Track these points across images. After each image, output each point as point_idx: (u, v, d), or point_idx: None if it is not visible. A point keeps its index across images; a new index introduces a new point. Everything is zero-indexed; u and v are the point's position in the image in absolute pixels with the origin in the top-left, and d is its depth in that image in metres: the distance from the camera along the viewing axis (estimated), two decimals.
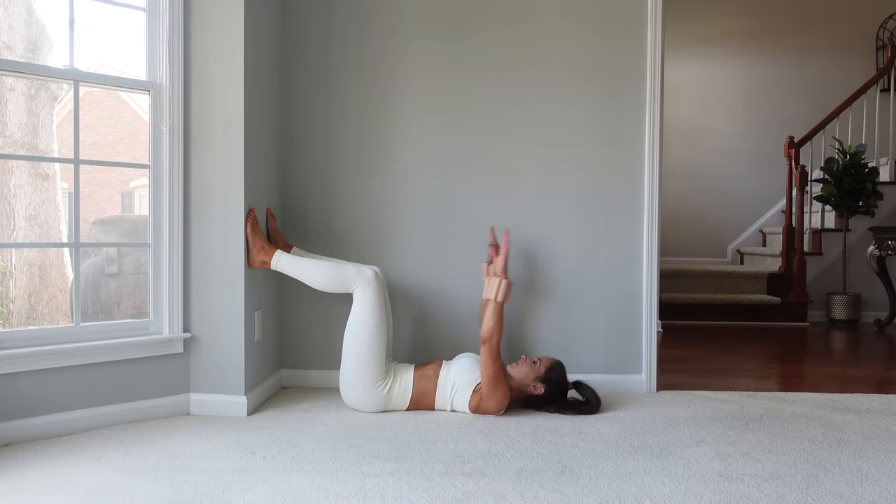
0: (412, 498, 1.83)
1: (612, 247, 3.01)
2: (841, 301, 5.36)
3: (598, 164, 3.01)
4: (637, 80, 2.99)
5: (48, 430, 2.32)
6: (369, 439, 2.31)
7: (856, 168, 5.18)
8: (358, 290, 2.63)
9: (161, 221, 2.58)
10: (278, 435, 2.36)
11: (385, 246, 3.05)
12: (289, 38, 3.04)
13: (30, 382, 2.30)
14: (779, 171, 6.41)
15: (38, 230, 3.09)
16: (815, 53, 6.48)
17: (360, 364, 2.59)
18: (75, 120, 2.45)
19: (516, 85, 3.02)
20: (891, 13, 6.45)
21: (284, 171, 3.06)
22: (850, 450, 2.25)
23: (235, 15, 2.56)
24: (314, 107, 3.05)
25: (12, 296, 2.96)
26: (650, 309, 3.00)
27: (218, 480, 1.94)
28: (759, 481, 1.97)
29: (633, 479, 1.98)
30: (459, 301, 3.03)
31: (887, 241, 4.99)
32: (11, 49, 2.86)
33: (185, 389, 2.62)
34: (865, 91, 5.65)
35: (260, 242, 2.63)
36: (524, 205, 3.03)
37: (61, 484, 1.92)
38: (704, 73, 6.62)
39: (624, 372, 3.02)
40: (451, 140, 3.04)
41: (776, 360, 3.90)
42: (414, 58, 3.03)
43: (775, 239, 6.11)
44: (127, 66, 2.69)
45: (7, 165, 2.98)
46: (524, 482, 1.95)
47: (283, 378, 3.05)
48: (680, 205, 6.60)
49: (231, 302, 2.60)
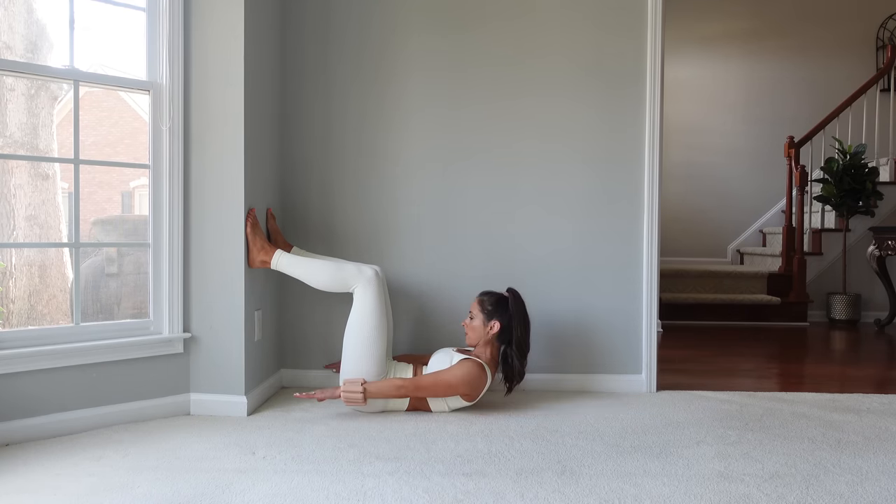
0: (412, 498, 1.83)
1: (612, 246, 3.01)
2: (841, 301, 5.36)
3: (599, 164, 3.01)
4: (637, 78, 2.98)
5: (48, 430, 2.32)
6: (369, 439, 2.31)
7: (856, 168, 5.18)
8: (358, 289, 2.63)
9: (161, 221, 2.58)
10: (278, 435, 2.36)
11: (385, 245, 3.05)
12: (288, 38, 3.04)
13: (30, 382, 2.30)
14: (779, 171, 6.41)
15: (38, 230, 3.09)
16: (815, 53, 6.48)
17: (360, 363, 2.59)
18: (75, 120, 2.45)
19: (516, 83, 3.02)
20: (891, 13, 6.45)
21: (284, 170, 3.06)
22: (850, 450, 2.25)
23: (235, 15, 2.56)
24: (313, 106, 3.05)
25: (12, 296, 2.96)
26: (650, 309, 3.00)
27: (218, 480, 1.94)
28: (759, 481, 1.97)
29: (633, 479, 1.97)
30: (460, 299, 3.03)
31: (887, 241, 4.98)
32: (11, 49, 2.86)
33: (185, 389, 2.62)
34: (865, 91, 5.65)
35: (260, 242, 2.63)
36: (524, 204, 3.03)
37: (61, 484, 1.91)
38: (705, 72, 6.62)
39: (624, 372, 3.02)
40: (450, 138, 3.04)
41: (776, 360, 3.89)
42: (413, 53, 3.03)
43: (775, 239, 6.11)
44: (127, 66, 2.69)
45: (7, 165, 2.98)
46: (524, 482, 1.95)
47: (283, 378, 3.05)
48: (680, 205, 6.59)
49: (231, 302, 2.60)
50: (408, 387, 2.55)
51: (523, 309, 2.67)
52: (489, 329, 2.64)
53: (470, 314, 2.69)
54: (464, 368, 2.55)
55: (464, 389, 2.55)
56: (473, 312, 2.68)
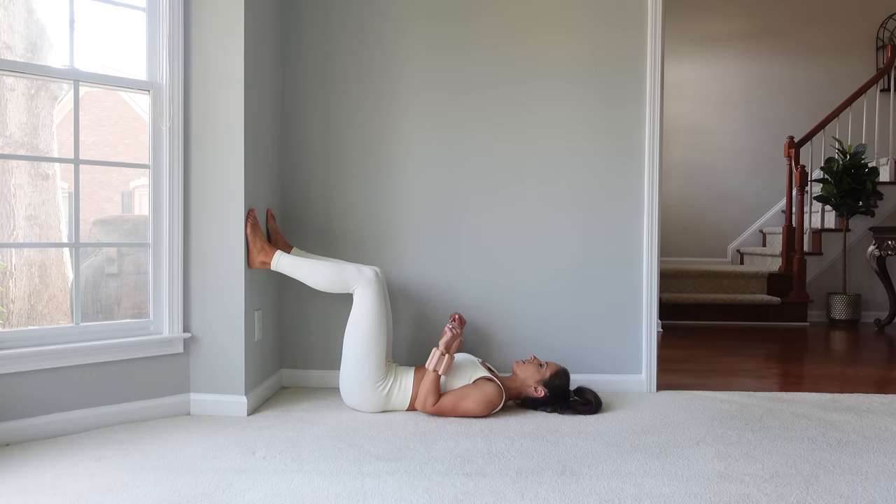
0: (412, 498, 1.83)
1: (612, 246, 3.01)
2: (841, 301, 5.36)
3: (599, 164, 3.01)
4: (637, 78, 2.99)
5: (48, 430, 2.32)
6: (369, 439, 2.31)
7: (856, 168, 5.18)
8: (358, 290, 2.63)
9: (161, 221, 2.58)
10: (278, 435, 2.36)
11: (385, 245, 3.05)
12: (288, 36, 3.04)
13: (30, 382, 2.30)
14: (779, 171, 6.42)
15: (38, 230, 3.08)
16: (815, 53, 6.48)
17: (360, 364, 2.59)
18: (75, 120, 2.45)
19: (516, 82, 3.02)
20: (891, 13, 6.45)
21: (284, 171, 3.06)
22: (850, 450, 2.25)
23: (235, 15, 2.56)
24: (312, 105, 3.05)
25: (12, 296, 2.96)
26: (650, 309, 3.00)
27: (218, 480, 1.94)
28: (759, 481, 1.97)
29: (633, 479, 1.97)
30: (460, 300, 3.03)
31: (887, 241, 4.99)
32: (11, 49, 2.86)
33: (185, 389, 2.62)
34: (865, 91, 5.65)
35: (260, 243, 2.63)
36: (524, 204, 3.03)
37: (61, 484, 1.91)
38: (705, 72, 6.62)
39: (624, 372, 3.02)
40: (451, 139, 3.04)
41: (776, 360, 3.89)
42: (413, 53, 3.03)
43: (775, 239, 6.11)
44: (127, 66, 2.68)
45: (7, 165, 2.98)
46: (524, 482, 1.95)
47: (283, 378, 3.05)
48: (680, 205, 6.60)
49: (231, 302, 2.60)
50: (428, 404, 2.55)
51: (567, 396, 2.68)
52: (534, 388, 2.65)
53: (533, 359, 2.69)
54: (484, 396, 2.56)
55: (478, 414, 2.57)
56: (535, 364, 2.68)
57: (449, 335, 2.60)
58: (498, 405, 2.60)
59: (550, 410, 2.65)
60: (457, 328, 2.63)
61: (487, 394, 2.56)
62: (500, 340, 3.04)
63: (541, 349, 3.01)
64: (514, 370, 2.71)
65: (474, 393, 2.56)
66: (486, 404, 2.56)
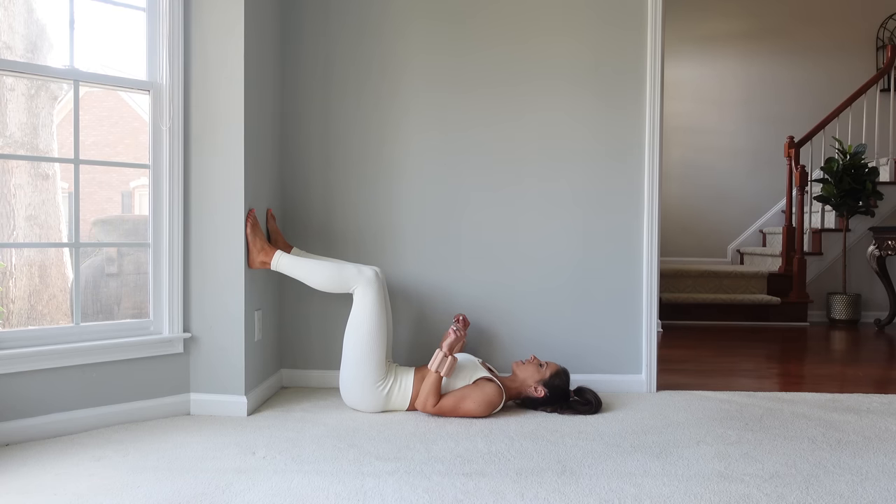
0: (412, 498, 1.83)
1: (612, 246, 3.01)
2: (841, 301, 5.36)
3: (599, 163, 3.01)
4: (637, 78, 2.99)
5: (48, 430, 2.32)
6: (369, 439, 2.31)
7: (856, 168, 5.18)
8: (358, 290, 2.63)
9: (161, 221, 2.58)
10: (278, 435, 2.36)
11: (385, 245, 3.05)
12: (288, 36, 3.04)
13: (30, 382, 2.30)
14: (779, 171, 6.42)
15: (38, 230, 3.08)
16: (815, 53, 6.48)
17: (360, 364, 2.59)
18: (75, 120, 2.45)
19: (516, 82, 3.02)
20: (891, 13, 6.45)
21: (284, 171, 3.06)
22: (850, 450, 2.25)
23: (235, 15, 2.56)
24: (312, 105, 3.05)
25: (12, 296, 2.96)
26: (650, 309, 3.00)
27: (218, 480, 1.94)
28: (759, 481, 1.97)
29: (633, 479, 1.98)
30: (460, 300, 3.03)
31: (887, 241, 4.99)
32: (11, 49, 2.86)
33: (185, 389, 2.62)
34: (865, 91, 5.65)
35: (260, 243, 2.63)
36: (524, 202, 3.03)
37: (61, 484, 1.91)
38: (705, 72, 6.62)
39: (624, 372, 3.02)
40: (451, 138, 3.04)
41: (776, 360, 3.89)
42: (413, 53, 3.03)
43: (775, 239, 6.11)
44: (127, 66, 2.68)
45: (7, 165, 2.98)
46: (524, 482, 1.95)
47: (283, 378, 3.05)
48: (680, 205, 6.60)
49: (231, 302, 2.60)
50: (429, 405, 2.55)
51: (567, 396, 2.68)
52: (534, 388, 2.65)
53: (533, 359, 2.69)
54: (485, 396, 2.56)
55: (479, 415, 2.57)
56: (535, 364, 2.68)
57: (452, 337, 2.60)
58: (498, 405, 2.59)
59: (550, 410, 2.65)
60: (460, 330, 2.63)
61: (488, 394, 2.56)
62: (501, 340, 3.04)
63: (541, 349, 3.02)
64: (513, 370, 2.71)
65: (475, 393, 2.56)
66: (486, 404, 2.56)
